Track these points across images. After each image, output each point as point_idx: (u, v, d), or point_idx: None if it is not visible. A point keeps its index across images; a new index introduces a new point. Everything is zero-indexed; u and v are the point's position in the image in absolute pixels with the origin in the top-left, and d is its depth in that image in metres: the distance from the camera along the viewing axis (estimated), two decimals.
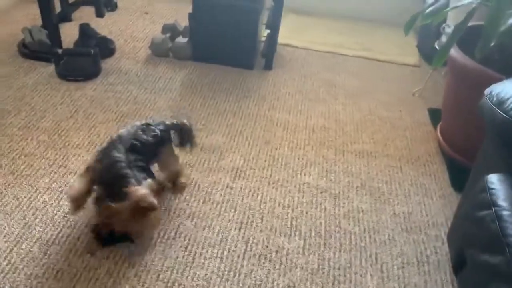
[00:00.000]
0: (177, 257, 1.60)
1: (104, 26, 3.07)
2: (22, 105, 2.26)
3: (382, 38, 3.38)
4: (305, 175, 2.05)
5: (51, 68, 2.54)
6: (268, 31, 2.80)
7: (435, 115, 2.53)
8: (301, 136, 2.30)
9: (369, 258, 1.70)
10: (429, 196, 2.01)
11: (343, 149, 2.24)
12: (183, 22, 2.93)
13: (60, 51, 2.49)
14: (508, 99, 1.40)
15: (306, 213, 1.86)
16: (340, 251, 1.72)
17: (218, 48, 2.77)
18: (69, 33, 2.87)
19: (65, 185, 1.83)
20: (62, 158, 1.97)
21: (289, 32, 3.27)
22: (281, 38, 3.11)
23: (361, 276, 1.63)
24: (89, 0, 3.11)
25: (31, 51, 2.60)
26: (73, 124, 2.18)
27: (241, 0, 2.61)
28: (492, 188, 1.33)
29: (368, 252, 1.73)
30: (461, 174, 2.01)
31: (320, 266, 1.65)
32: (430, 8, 1.97)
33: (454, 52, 2.06)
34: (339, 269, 1.65)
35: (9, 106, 2.24)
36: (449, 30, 2.48)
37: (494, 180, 1.35)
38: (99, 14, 3.00)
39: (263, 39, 2.96)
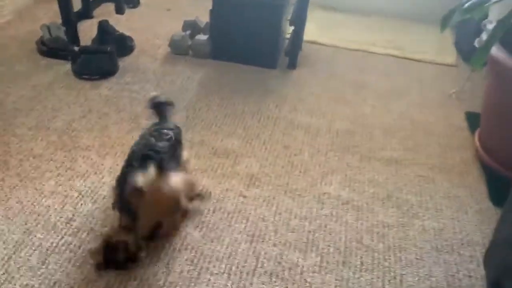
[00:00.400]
0: (182, 271, 1.48)
1: (124, 23, 2.99)
2: (34, 104, 2.20)
3: (416, 36, 3.17)
4: (325, 184, 1.89)
5: (68, 66, 2.48)
6: (292, 27, 2.65)
7: (473, 119, 2.31)
8: (323, 140, 2.14)
9: (393, 279, 1.53)
10: (464, 211, 1.82)
11: (369, 155, 2.07)
12: (205, 19, 2.81)
13: (76, 48, 2.43)
14: None
15: (325, 226, 1.70)
16: (360, 270, 1.55)
17: (239, 46, 2.64)
18: (88, 30, 2.81)
19: (71, 189, 1.75)
20: (70, 161, 1.89)
21: (315, 29, 3.10)
22: (307, 35, 2.95)
23: None
24: None
25: (48, 48, 2.55)
26: (85, 124, 2.11)
27: None
28: None
29: (392, 273, 1.55)
30: (502, 186, 1.81)
31: (338, 286, 1.49)
32: (469, 2, 1.76)
33: (496, 51, 1.85)
34: None
35: (22, 105, 2.18)
36: (490, 26, 2.26)
37: None
38: (119, 11, 2.95)
39: (288, 36, 2.81)
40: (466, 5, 1.77)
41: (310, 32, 3.02)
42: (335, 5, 3.43)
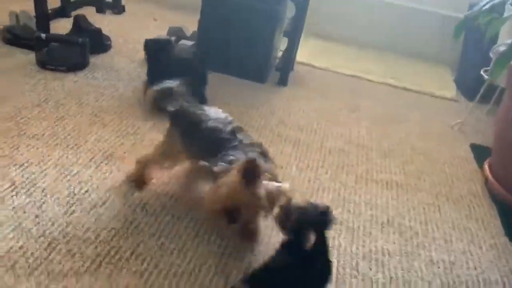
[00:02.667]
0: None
1: (105, 27, 2.75)
2: None
3: (414, 69, 3.00)
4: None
5: (32, 56, 2.19)
6: (285, 42, 2.44)
7: (479, 152, 2.08)
8: (314, 156, 1.86)
9: None
10: (477, 245, 1.52)
11: (366, 177, 1.79)
12: (193, 29, 2.60)
13: (43, 35, 2.15)
14: None
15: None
16: None
17: (226, 56, 2.41)
18: (63, 28, 2.55)
19: (2, 179, 1.41)
20: (11, 148, 1.56)
21: (310, 54, 2.91)
22: (301, 58, 2.76)
23: None
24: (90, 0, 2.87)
25: (13, 35, 2.27)
26: (37, 113, 1.79)
27: (256, 1, 2.28)
28: None
29: None
30: None
31: None
32: (487, 5, 1.58)
33: None
34: None
35: None
36: (503, 48, 2.07)
37: None
38: (100, 10, 2.72)
39: (280, 53, 2.60)
40: (485, 7, 1.58)
41: (304, 55, 2.82)
42: (333, 35, 3.28)
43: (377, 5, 3.21)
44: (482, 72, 2.25)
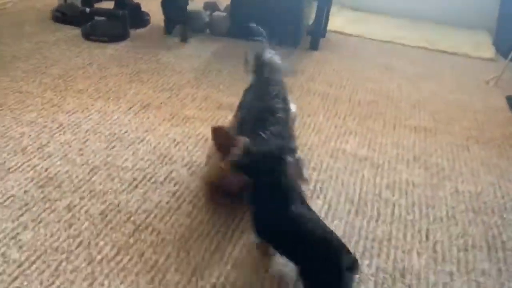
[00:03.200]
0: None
1: (144, 7, 2.91)
2: (35, 54, 2.07)
3: (451, 35, 2.95)
4: (341, 142, 1.63)
5: (78, 31, 2.38)
6: (316, 4, 2.49)
7: None
8: (342, 107, 1.90)
9: (417, 233, 1.23)
10: (506, 179, 1.51)
11: (394, 122, 1.81)
12: (227, 2, 2.71)
13: (87, 10, 2.33)
14: None
15: (337, 177, 1.43)
16: (377, 221, 1.26)
17: (258, 23, 2.49)
18: (106, 6, 2.73)
19: (52, 122, 1.56)
20: (59, 99, 1.72)
21: (344, 23, 2.94)
22: (333, 26, 2.80)
23: (403, 252, 1.17)
24: None
25: (61, 13, 2.46)
26: (82, 73, 1.95)
27: None
28: None
29: (416, 227, 1.26)
30: None
31: (348, 234, 1.21)
32: None
33: None
34: (373, 240, 1.19)
35: (21, 54, 2.06)
36: None
37: None
38: None
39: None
40: None
41: (337, 25, 2.86)
42: (365, 5, 3.29)
43: None
44: None
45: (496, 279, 1.12)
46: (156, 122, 1.64)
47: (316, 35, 2.49)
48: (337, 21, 2.93)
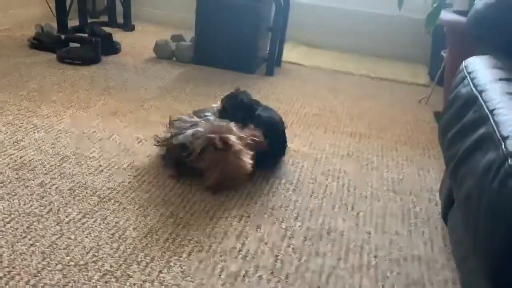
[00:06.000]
0: None
1: (117, 38, 3.16)
2: (12, 72, 2.26)
3: (393, 67, 3.30)
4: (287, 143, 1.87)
5: (54, 56, 2.59)
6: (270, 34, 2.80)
7: (441, 115, 2.34)
8: (290, 118, 2.15)
9: (344, 206, 1.45)
10: (426, 170, 1.77)
11: (334, 130, 2.06)
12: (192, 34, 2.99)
13: (63, 36, 2.56)
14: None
15: (280, 167, 1.65)
16: (310, 196, 1.48)
17: (220, 51, 2.77)
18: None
19: (27, 123, 1.74)
20: (34, 107, 1.90)
21: (297, 56, 3.26)
22: (288, 58, 3.11)
23: (331, 218, 1.38)
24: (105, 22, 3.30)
25: (38, 40, 2.68)
26: (56, 88, 2.15)
27: (242, 1, 2.67)
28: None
29: (343, 201, 1.48)
30: None
31: (284, 205, 1.41)
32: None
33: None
34: (306, 209, 1.40)
35: None
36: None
37: None
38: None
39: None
40: None
41: (292, 56, 3.18)
42: (318, 43, 3.64)
43: (356, 14, 3.59)
44: (442, 53, 2.55)
45: (406, 238, 1.34)
46: (122, 126, 1.84)
47: (271, 63, 2.79)
48: (292, 54, 3.26)
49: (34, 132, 1.69)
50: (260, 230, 1.29)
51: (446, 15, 2.24)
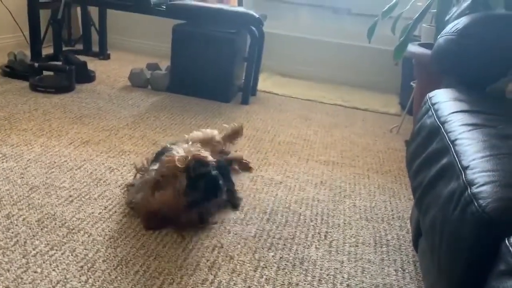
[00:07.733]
0: None
1: (92, 67, 3.16)
2: None
3: (365, 96, 3.39)
4: (261, 171, 1.88)
5: (26, 83, 2.56)
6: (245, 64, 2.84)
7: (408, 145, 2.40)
8: (264, 146, 2.16)
9: (317, 234, 1.46)
10: (397, 197, 1.80)
11: (307, 158, 2.09)
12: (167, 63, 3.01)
13: (36, 64, 2.54)
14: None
15: (254, 196, 1.65)
16: (284, 225, 1.48)
17: (195, 80, 2.80)
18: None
19: None
20: (4, 135, 1.87)
21: (272, 85, 3.31)
22: (263, 87, 3.16)
23: (304, 247, 1.38)
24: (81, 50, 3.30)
25: (11, 68, 2.65)
26: (28, 116, 2.12)
27: (217, 31, 2.72)
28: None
29: (317, 230, 1.48)
30: None
31: (258, 235, 1.41)
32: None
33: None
34: (279, 239, 1.40)
35: None
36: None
37: None
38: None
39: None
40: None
41: (267, 86, 3.23)
42: (290, 72, 3.72)
43: (329, 45, 3.70)
44: (411, 83, 2.64)
45: (378, 266, 1.35)
46: (94, 154, 1.82)
47: (246, 92, 2.82)
48: (267, 83, 3.31)
49: (3, 162, 1.65)
50: (233, 261, 1.28)
51: (413, 48, 2.33)
